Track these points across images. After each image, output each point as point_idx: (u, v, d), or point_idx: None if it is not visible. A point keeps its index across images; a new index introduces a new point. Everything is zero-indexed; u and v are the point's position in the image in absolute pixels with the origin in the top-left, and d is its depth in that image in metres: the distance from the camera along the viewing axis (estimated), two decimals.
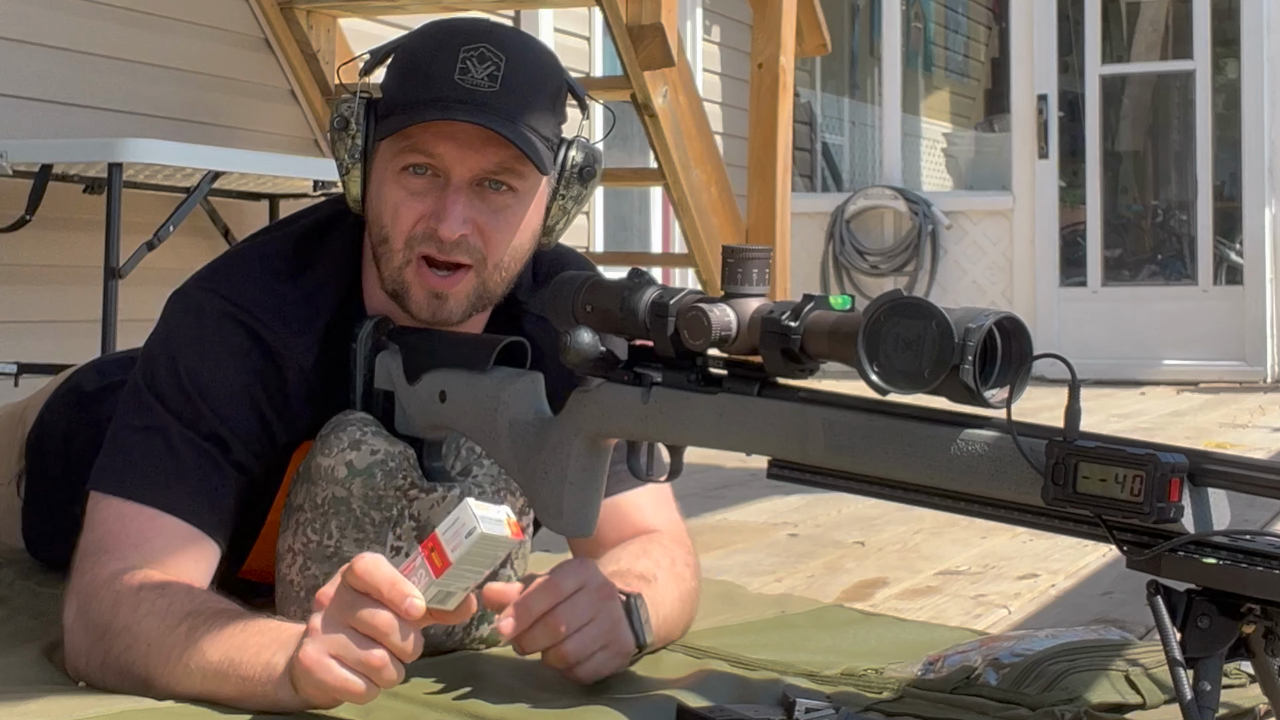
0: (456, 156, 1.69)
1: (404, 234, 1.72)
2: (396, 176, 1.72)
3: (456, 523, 1.39)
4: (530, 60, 1.73)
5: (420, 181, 1.71)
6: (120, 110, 4.08)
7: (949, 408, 1.37)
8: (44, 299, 3.91)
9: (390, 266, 1.73)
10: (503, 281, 1.76)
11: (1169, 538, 1.29)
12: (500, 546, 1.40)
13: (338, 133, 1.74)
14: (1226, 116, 7.95)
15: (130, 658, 1.55)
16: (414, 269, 1.72)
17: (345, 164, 1.75)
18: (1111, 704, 1.60)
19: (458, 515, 1.39)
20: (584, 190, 1.79)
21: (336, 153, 1.76)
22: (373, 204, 1.75)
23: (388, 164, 1.72)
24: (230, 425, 1.71)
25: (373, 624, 1.40)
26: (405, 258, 1.72)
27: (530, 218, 1.76)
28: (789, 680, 1.70)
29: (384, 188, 1.73)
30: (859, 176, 9.54)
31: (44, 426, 2.11)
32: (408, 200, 1.71)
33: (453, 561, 1.38)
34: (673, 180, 4.42)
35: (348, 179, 1.75)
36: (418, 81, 1.70)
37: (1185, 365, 7.65)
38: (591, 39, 6.49)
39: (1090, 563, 2.64)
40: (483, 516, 1.38)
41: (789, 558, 2.72)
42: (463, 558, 1.38)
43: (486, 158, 1.69)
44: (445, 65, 1.68)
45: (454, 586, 1.41)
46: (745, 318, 1.48)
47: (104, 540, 1.65)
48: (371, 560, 1.41)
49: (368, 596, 1.40)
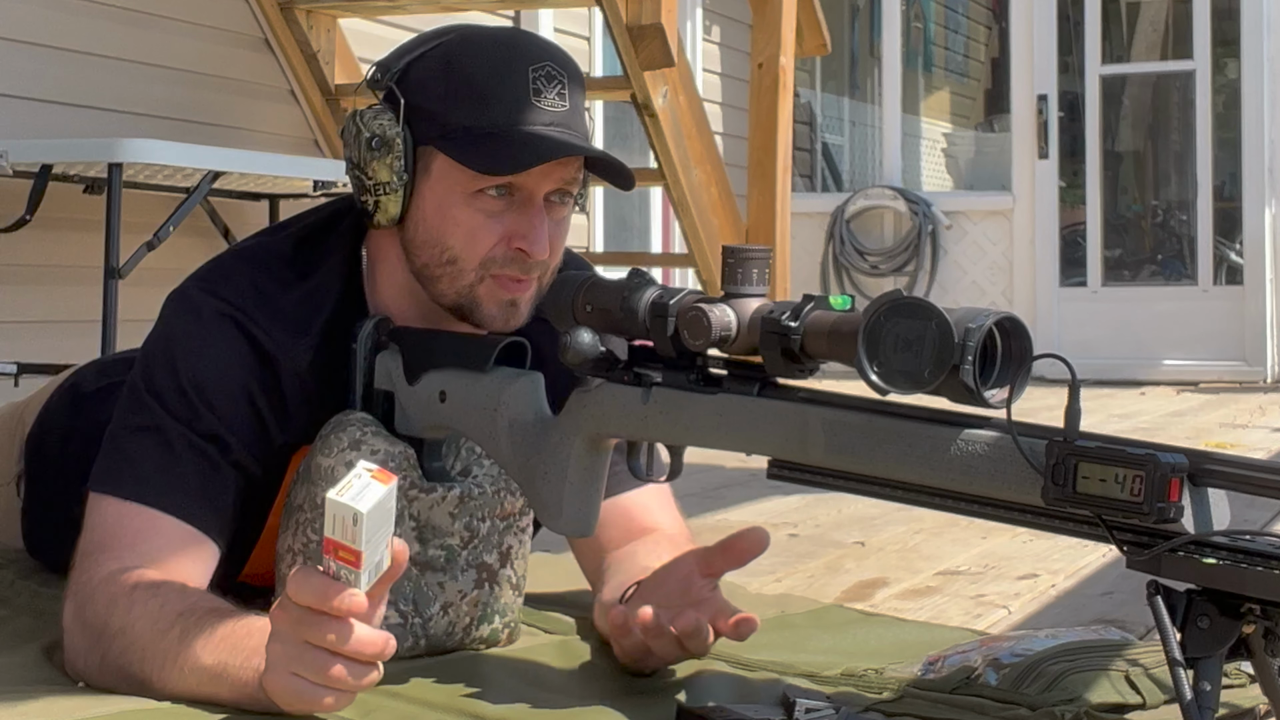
0: (541, 174, 1.70)
1: (480, 256, 1.71)
2: (471, 198, 1.70)
3: (335, 520, 1.34)
4: (576, 71, 1.75)
5: (499, 202, 1.70)
6: (120, 110, 4.08)
7: (949, 408, 1.37)
8: (44, 299, 3.91)
9: (458, 284, 1.73)
10: (551, 280, 1.76)
11: (1169, 538, 1.29)
12: (386, 502, 1.35)
13: (374, 152, 1.70)
14: (1226, 116, 7.95)
15: (127, 660, 1.55)
16: (488, 285, 1.72)
17: (391, 185, 1.71)
18: (1111, 704, 1.59)
19: (331, 514, 1.34)
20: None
21: (374, 172, 1.71)
22: (431, 224, 1.72)
23: (457, 185, 1.70)
24: (228, 425, 1.70)
25: (324, 636, 1.37)
26: (478, 277, 1.72)
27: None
28: (789, 680, 1.70)
29: (454, 210, 1.70)
30: (859, 176, 9.54)
31: (44, 426, 2.11)
32: (486, 223, 1.70)
33: (362, 549, 1.34)
34: (673, 180, 4.41)
35: (387, 200, 1.71)
36: (491, 105, 1.69)
37: (1185, 365, 7.65)
38: (591, 39, 6.49)
39: (1090, 563, 2.64)
40: (353, 497, 1.33)
41: (789, 558, 2.73)
42: (367, 538, 1.34)
43: (564, 174, 1.71)
44: (518, 87, 1.69)
45: (377, 556, 1.37)
46: (745, 318, 1.48)
47: (101, 540, 1.65)
48: (304, 574, 1.37)
49: (313, 610, 1.37)
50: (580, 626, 1.92)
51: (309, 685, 1.39)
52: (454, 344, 1.75)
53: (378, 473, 1.35)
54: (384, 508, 1.35)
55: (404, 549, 1.40)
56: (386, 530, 1.37)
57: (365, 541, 1.34)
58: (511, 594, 1.81)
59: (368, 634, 1.38)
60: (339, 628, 1.37)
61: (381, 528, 1.36)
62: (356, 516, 1.32)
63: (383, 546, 1.38)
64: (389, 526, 1.37)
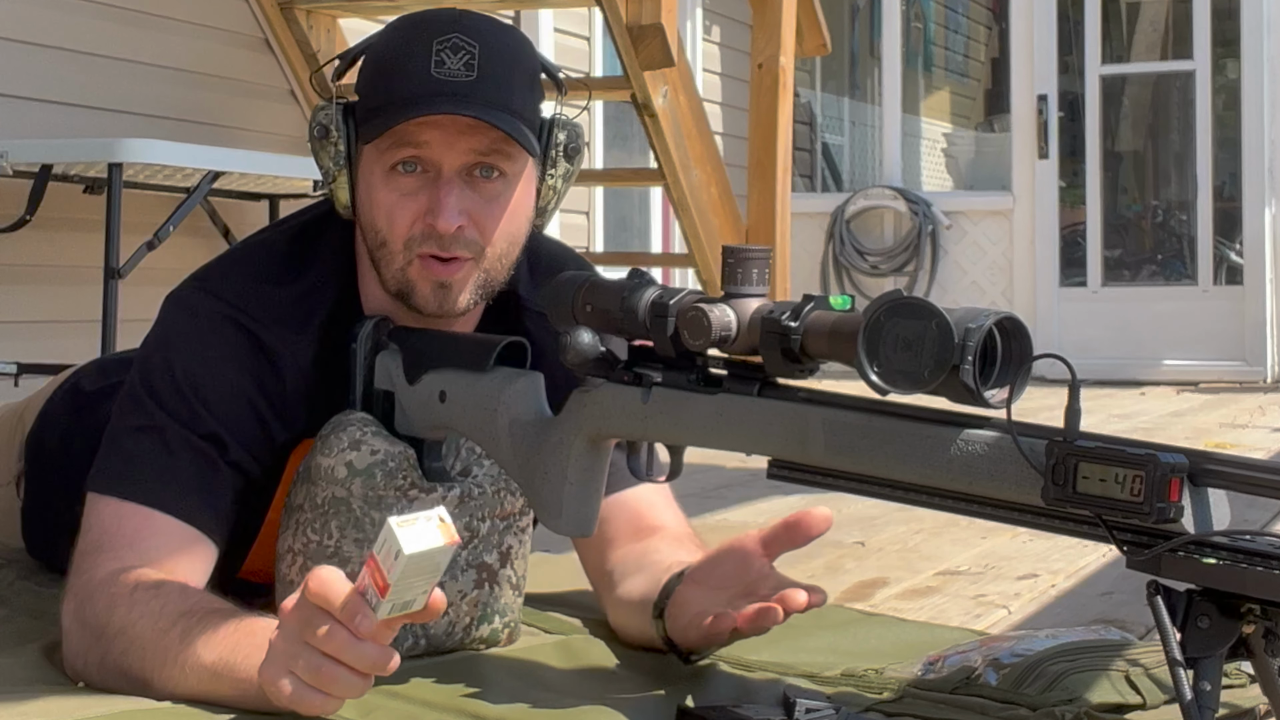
0: (444, 145, 1.69)
1: (402, 236, 1.71)
2: (386, 178, 1.71)
3: (384, 545, 1.33)
4: (503, 44, 1.72)
5: (411, 180, 1.71)
6: (120, 110, 4.08)
7: (949, 408, 1.37)
8: (44, 299, 3.91)
9: (391, 269, 1.73)
10: (504, 268, 1.76)
11: (1169, 538, 1.29)
12: (436, 556, 1.34)
13: (319, 141, 1.74)
14: (1226, 116, 7.95)
15: (128, 660, 1.55)
16: (416, 267, 1.72)
17: (331, 172, 1.74)
18: (1111, 704, 1.60)
19: (384, 538, 1.33)
20: (571, 168, 1.80)
21: (320, 161, 1.75)
22: (364, 209, 1.74)
23: (375, 166, 1.72)
24: (227, 425, 1.71)
25: (328, 643, 1.37)
26: (406, 259, 1.72)
27: (522, 201, 1.76)
28: (789, 680, 1.70)
29: (375, 192, 1.72)
30: (859, 176, 9.54)
31: (44, 427, 2.11)
32: (401, 201, 1.71)
33: (391, 584, 1.33)
34: (673, 180, 4.41)
35: (335, 186, 1.75)
36: (394, 80, 1.70)
37: (1185, 365, 7.65)
38: (591, 39, 6.49)
39: (1090, 563, 2.64)
40: (406, 535, 1.32)
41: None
42: (400, 576, 1.33)
43: (475, 142, 1.69)
44: (420, 60, 1.68)
45: (408, 596, 1.36)
46: (745, 318, 1.48)
47: (100, 540, 1.65)
48: (327, 575, 1.37)
49: (325, 612, 1.37)
50: (580, 626, 1.92)
51: (301, 684, 1.38)
52: (454, 344, 1.75)
53: (446, 527, 1.34)
54: (431, 560, 1.33)
55: (441, 601, 1.38)
56: (428, 579, 1.36)
57: (398, 579, 1.33)
58: (511, 594, 1.81)
59: (373, 650, 1.37)
60: (345, 637, 1.36)
61: (422, 575, 1.35)
62: (399, 554, 1.31)
63: (420, 592, 1.36)
64: (433, 578, 1.36)
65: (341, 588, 1.36)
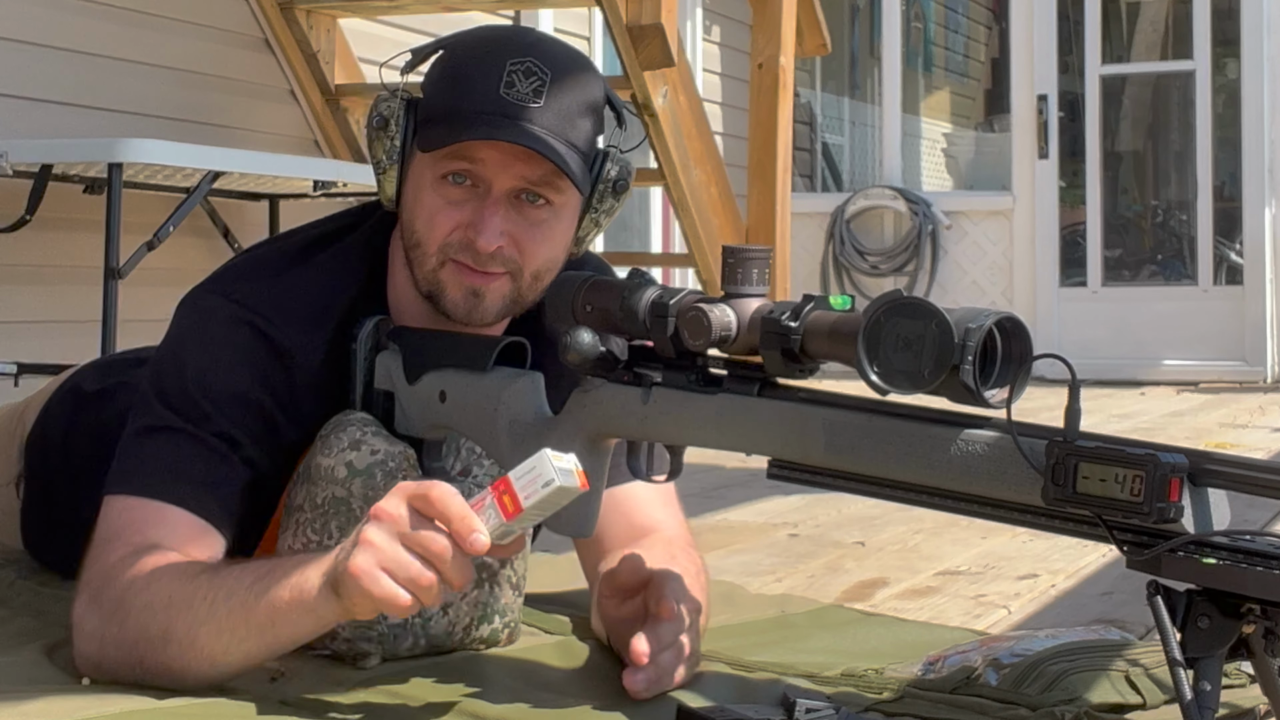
0: (499, 166, 1.69)
1: (438, 241, 1.72)
2: (435, 183, 1.72)
3: (533, 471, 1.42)
4: (574, 75, 1.73)
5: (459, 191, 1.71)
6: (120, 110, 4.08)
7: (949, 408, 1.37)
8: (44, 299, 3.91)
9: (424, 269, 1.74)
10: (537, 291, 1.76)
11: (1169, 538, 1.29)
12: (570, 495, 1.44)
13: (376, 130, 1.74)
14: (1226, 116, 7.95)
15: (147, 619, 1.56)
16: (449, 270, 1.73)
17: (383, 164, 1.75)
18: (1111, 704, 1.60)
19: (534, 464, 1.42)
20: (615, 204, 1.80)
21: (373, 151, 1.75)
22: (408, 207, 1.75)
23: (426, 170, 1.72)
24: (238, 425, 1.71)
25: (432, 547, 1.41)
26: (439, 260, 1.73)
27: (564, 230, 1.77)
28: (789, 680, 1.70)
29: (422, 193, 1.73)
30: (859, 176, 9.54)
31: (44, 427, 2.11)
32: (445, 209, 1.71)
33: (525, 508, 1.42)
34: (673, 180, 4.42)
35: (383, 178, 1.75)
36: (462, 92, 1.70)
37: (1185, 365, 7.65)
38: (591, 39, 6.49)
39: (1090, 563, 2.64)
40: (559, 468, 1.42)
41: (789, 558, 2.73)
42: (537, 504, 1.42)
43: (528, 170, 1.70)
44: (492, 78, 1.69)
45: (517, 527, 1.45)
46: (745, 318, 1.48)
47: (109, 533, 1.66)
48: (448, 489, 1.43)
49: (431, 521, 1.42)
50: (580, 626, 1.92)
51: (392, 584, 1.42)
52: (454, 344, 1.75)
53: (580, 473, 1.45)
54: (566, 496, 1.44)
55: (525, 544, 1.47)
56: (544, 515, 1.47)
57: (533, 505, 1.42)
58: (511, 594, 1.81)
59: (470, 567, 1.44)
60: (447, 545, 1.41)
61: (546, 509, 1.45)
62: (550, 483, 1.41)
63: (526, 524, 1.46)
64: (547, 514, 1.47)
65: (460, 503, 1.42)
